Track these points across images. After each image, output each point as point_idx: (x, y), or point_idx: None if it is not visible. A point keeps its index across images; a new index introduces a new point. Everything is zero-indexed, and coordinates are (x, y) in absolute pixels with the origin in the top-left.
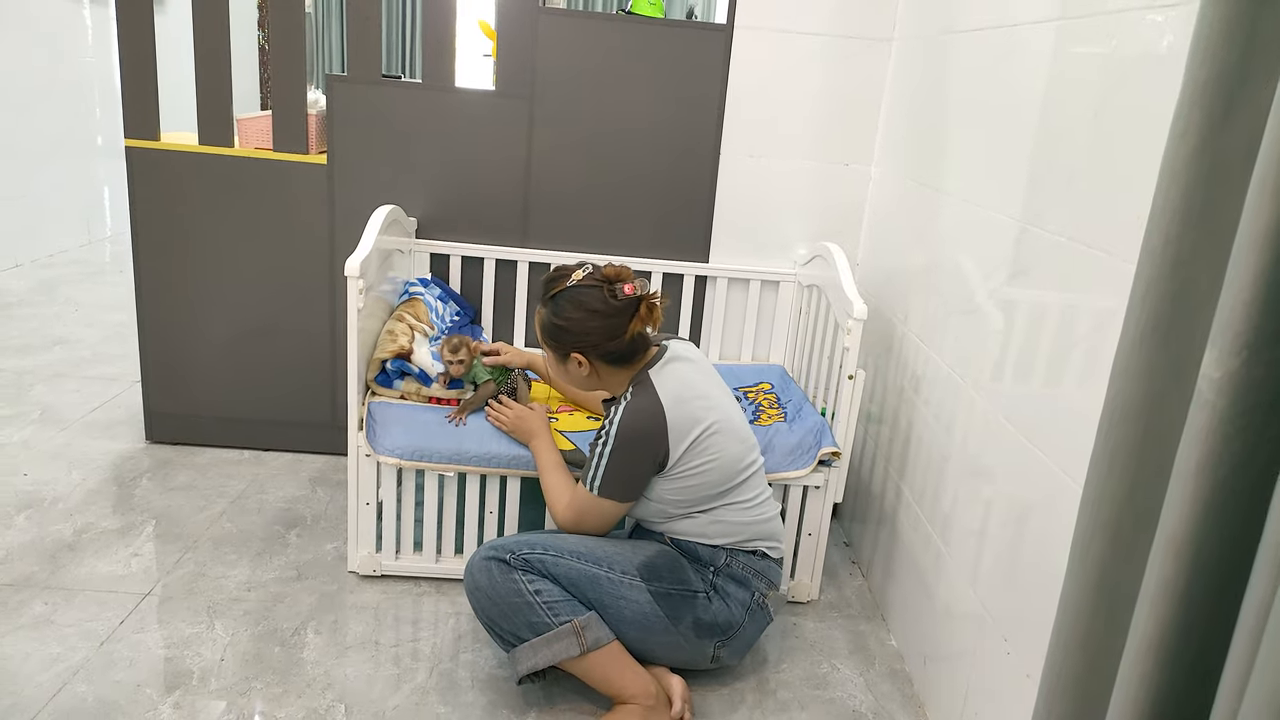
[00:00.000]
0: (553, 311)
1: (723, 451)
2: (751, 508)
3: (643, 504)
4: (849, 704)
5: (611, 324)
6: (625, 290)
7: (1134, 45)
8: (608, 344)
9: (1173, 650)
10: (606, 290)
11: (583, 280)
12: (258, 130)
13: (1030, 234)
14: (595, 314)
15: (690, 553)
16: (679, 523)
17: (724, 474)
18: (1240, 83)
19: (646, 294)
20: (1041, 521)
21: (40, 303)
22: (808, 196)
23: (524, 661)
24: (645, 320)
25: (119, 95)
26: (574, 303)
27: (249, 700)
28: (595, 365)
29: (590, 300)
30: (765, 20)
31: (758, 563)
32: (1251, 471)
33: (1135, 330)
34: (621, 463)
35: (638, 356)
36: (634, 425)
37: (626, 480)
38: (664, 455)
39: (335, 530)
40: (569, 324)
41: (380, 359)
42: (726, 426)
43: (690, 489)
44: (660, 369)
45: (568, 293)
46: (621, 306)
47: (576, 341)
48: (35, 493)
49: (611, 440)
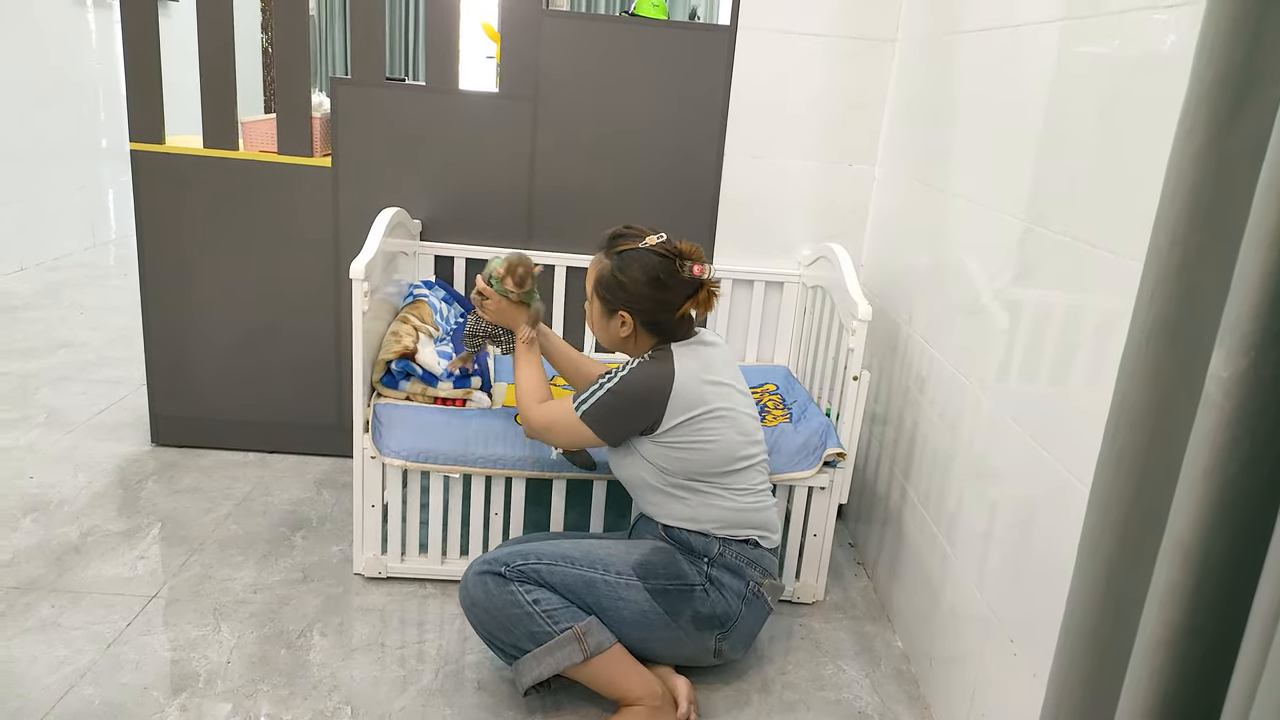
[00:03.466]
0: (618, 266)
1: (721, 438)
2: (744, 496)
3: (630, 460)
4: (854, 705)
5: (670, 297)
6: (695, 270)
7: (1139, 45)
8: (659, 314)
9: (1181, 651)
10: (678, 263)
11: (656, 246)
12: (262, 133)
13: (1035, 234)
14: (658, 282)
15: (683, 544)
16: (669, 504)
17: (717, 459)
18: (1247, 82)
19: (711, 280)
20: (1048, 522)
21: (45, 306)
22: (812, 197)
23: (528, 673)
24: (701, 304)
25: (124, 98)
26: (641, 265)
27: (255, 702)
28: (638, 330)
29: (657, 267)
30: (768, 21)
31: (750, 551)
32: (1260, 472)
33: (1142, 331)
34: (614, 405)
35: (678, 335)
36: (640, 380)
37: (612, 423)
38: (655, 420)
39: (341, 532)
40: (630, 283)
41: (385, 360)
42: (732, 415)
43: (678, 461)
44: (686, 345)
45: (638, 253)
46: (685, 282)
47: (631, 302)
48: (41, 496)
49: (615, 382)
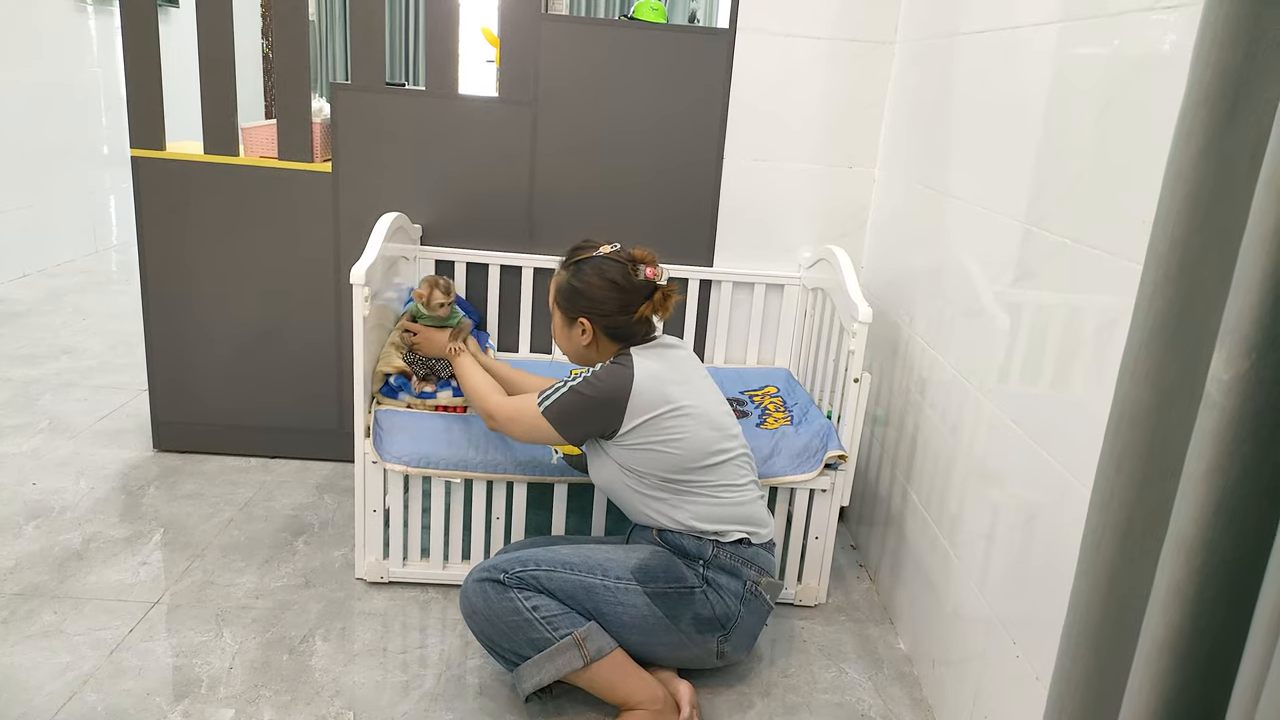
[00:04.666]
0: (573, 274)
1: (690, 434)
2: (724, 492)
3: (605, 466)
4: (857, 708)
5: (625, 299)
6: (647, 272)
7: (1137, 46)
8: (616, 316)
9: (1184, 653)
10: (630, 267)
11: (609, 254)
12: (262, 139)
13: (1035, 236)
14: (613, 285)
15: (678, 548)
16: (650, 505)
17: (689, 455)
18: (1246, 83)
19: (665, 284)
20: (1050, 524)
21: (47, 312)
22: (812, 200)
23: (529, 679)
24: (657, 307)
25: (124, 105)
26: (596, 270)
27: (258, 708)
28: (597, 336)
29: (611, 272)
30: (768, 24)
31: (744, 551)
32: (1262, 473)
33: (1143, 332)
34: (573, 403)
35: (637, 338)
36: (601, 383)
37: (570, 421)
38: (616, 423)
39: (343, 537)
40: (586, 289)
41: (383, 372)
42: (699, 412)
43: (649, 461)
44: (648, 348)
45: (593, 261)
46: (639, 285)
47: (588, 307)
48: (44, 502)
49: (578, 382)
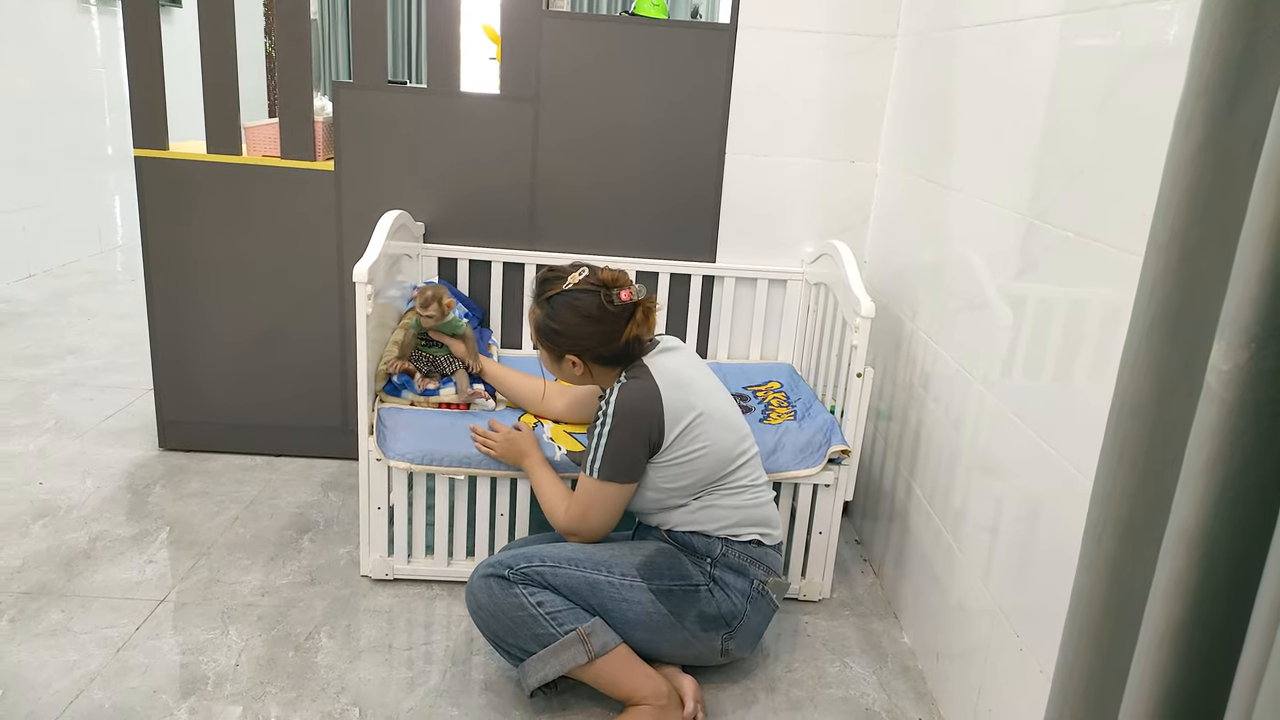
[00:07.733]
0: (548, 315)
1: (715, 439)
2: (742, 494)
3: (640, 494)
4: (862, 702)
5: (607, 330)
6: (622, 296)
7: (1139, 38)
8: (602, 347)
9: (1186, 644)
10: (604, 295)
11: (579, 284)
12: (265, 138)
13: (1037, 229)
14: (590, 319)
15: (686, 546)
16: (673, 513)
17: (718, 460)
18: (1245, 75)
19: (642, 299)
20: (1052, 516)
21: (53, 312)
22: (814, 194)
23: (533, 674)
24: (641, 325)
25: (128, 105)
26: (570, 308)
27: (264, 705)
28: (589, 366)
29: (586, 306)
30: (769, 19)
31: (754, 550)
32: (1263, 464)
33: (1143, 324)
34: (621, 441)
35: (634, 354)
36: (631, 402)
37: (628, 461)
38: (659, 436)
39: (348, 535)
40: (565, 328)
41: (386, 372)
42: (717, 414)
43: (685, 474)
44: (654, 357)
45: (564, 297)
46: (617, 312)
47: (572, 345)
48: (50, 501)
49: (610, 419)
